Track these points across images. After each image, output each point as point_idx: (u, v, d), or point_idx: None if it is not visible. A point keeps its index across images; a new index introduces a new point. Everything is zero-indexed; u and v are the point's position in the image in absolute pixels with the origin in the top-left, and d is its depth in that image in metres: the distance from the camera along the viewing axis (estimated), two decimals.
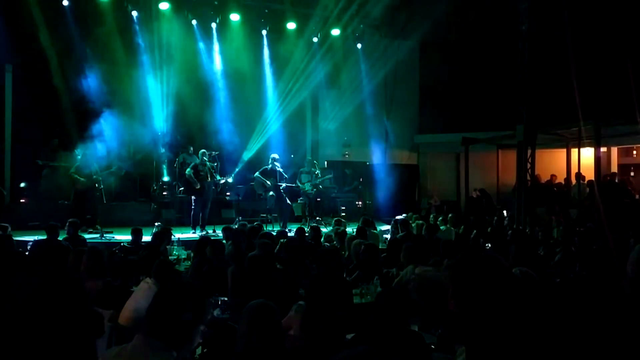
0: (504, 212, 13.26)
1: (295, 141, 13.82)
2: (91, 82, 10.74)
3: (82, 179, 10.25)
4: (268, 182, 11.16)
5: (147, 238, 7.98)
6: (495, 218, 11.40)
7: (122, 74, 11.26)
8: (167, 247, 7.27)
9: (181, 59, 12.30)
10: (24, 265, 4.44)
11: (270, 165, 11.28)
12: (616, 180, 13.71)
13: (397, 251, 5.88)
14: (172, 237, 7.68)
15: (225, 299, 4.66)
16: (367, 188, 13.97)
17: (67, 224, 7.64)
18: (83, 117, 11.14)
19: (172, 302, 2.10)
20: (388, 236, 9.71)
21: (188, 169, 10.73)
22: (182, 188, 11.66)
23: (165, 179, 12.50)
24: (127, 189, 12.55)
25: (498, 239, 7.51)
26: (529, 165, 11.92)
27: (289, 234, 8.67)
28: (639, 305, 2.85)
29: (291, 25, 13.56)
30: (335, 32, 14.25)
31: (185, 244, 8.45)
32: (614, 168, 15.58)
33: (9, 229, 7.77)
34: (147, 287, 4.27)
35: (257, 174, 11.33)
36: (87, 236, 9.46)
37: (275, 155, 11.40)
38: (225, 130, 12.40)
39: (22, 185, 11.69)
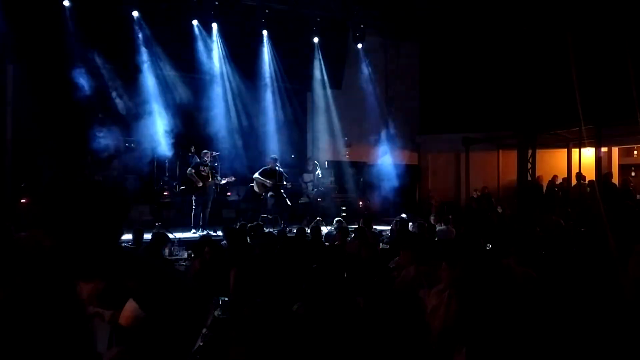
0: (499, 209, 13.27)
1: (295, 141, 13.82)
2: (92, 82, 10.73)
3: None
4: (268, 182, 11.16)
5: (147, 236, 7.99)
6: (498, 220, 11.41)
7: (123, 74, 11.27)
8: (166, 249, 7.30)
9: (182, 58, 12.30)
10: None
11: (270, 166, 11.29)
12: (612, 181, 13.68)
13: (397, 251, 5.89)
14: (169, 241, 7.68)
15: (226, 299, 4.67)
16: (367, 188, 13.96)
17: None
18: (84, 118, 11.14)
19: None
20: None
21: (189, 169, 10.75)
22: (182, 188, 11.67)
23: (166, 179, 12.51)
24: (127, 189, 12.55)
25: (498, 239, 7.51)
26: (529, 165, 11.93)
27: (289, 234, 8.69)
28: None
29: (291, 26, 13.56)
30: (336, 32, 14.24)
31: (185, 244, 8.47)
32: (615, 168, 15.56)
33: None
34: None
35: (256, 174, 11.34)
36: None
37: (274, 157, 11.41)
38: (226, 131, 12.40)
39: (22, 185, 11.68)
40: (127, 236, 8.56)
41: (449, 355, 2.97)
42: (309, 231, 8.86)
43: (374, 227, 9.48)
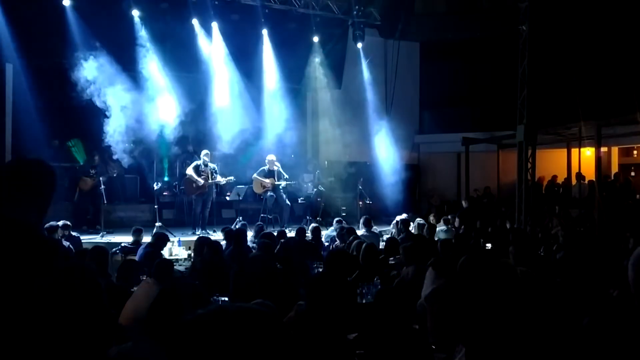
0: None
1: (295, 141, 13.80)
2: (92, 81, 10.72)
3: (87, 180, 10.44)
4: (267, 182, 11.18)
5: (147, 238, 8.00)
6: (499, 220, 11.41)
7: (123, 74, 11.24)
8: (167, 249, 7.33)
9: (181, 58, 12.27)
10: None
11: (267, 166, 11.32)
12: (620, 180, 13.66)
13: (396, 251, 5.90)
14: (169, 241, 7.70)
15: (226, 299, 4.67)
16: (367, 188, 13.96)
17: (60, 226, 7.63)
18: (84, 117, 11.14)
19: (173, 303, 2.10)
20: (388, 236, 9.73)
21: (189, 169, 10.76)
22: (182, 188, 11.67)
23: (166, 179, 12.50)
24: (127, 189, 12.56)
25: (498, 239, 7.52)
26: (529, 165, 11.92)
27: (288, 234, 8.69)
28: None
29: (291, 26, 13.55)
30: (336, 32, 14.23)
31: (185, 244, 8.47)
32: (615, 168, 15.57)
33: None
34: (147, 287, 4.28)
35: (255, 174, 11.37)
36: (87, 236, 9.49)
37: (272, 157, 11.42)
38: (226, 130, 12.38)
39: None
40: (127, 237, 8.58)
41: (449, 354, 2.97)
42: (309, 231, 8.87)
43: (374, 226, 9.48)
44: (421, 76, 16.96)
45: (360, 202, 13.38)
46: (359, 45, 14.57)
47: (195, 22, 12.58)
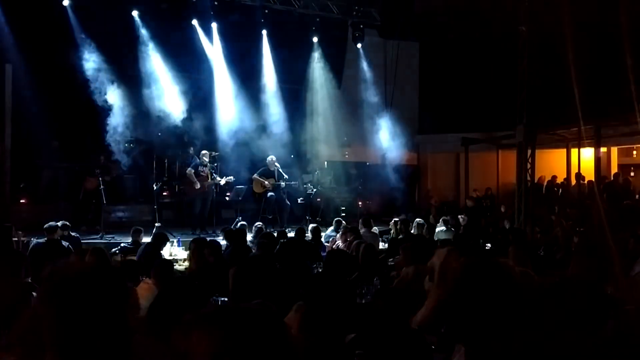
0: (502, 208, 13.28)
1: (295, 141, 13.81)
2: (92, 81, 10.72)
3: (92, 180, 10.51)
4: (266, 182, 11.19)
5: (147, 239, 8.02)
6: (500, 221, 11.42)
7: (124, 74, 11.25)
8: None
9: (181, 58, 12.27)
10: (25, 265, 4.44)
11: (268, 166, 11.33)
12: (620, 180, 13.66)
13: (397, 251, 5.91)
14: (168, 241, 7.71)
15: (225, 299, 4.68)
16: (367, 188, 13.96)
17: (59, 227, 7.62)
18: (84, 118, 11.13)
19: (173, 303, 2.10)
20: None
21: (188, 169, 10.76)
22: (182, 188, 11.67)
23: (166, 179, 12.50)
24: (127, 190, 12.55)
25: (498, 239, 7.53)
26: (529, 166, 11.92)
27: (288, 234, 8.70)
28: None
29: (291, 26, 13.55)
30: (335, 32, 14.24)
31: (185, 244, 8.48)
32: (614, 168, 15.57)
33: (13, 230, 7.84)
34: (147, 287, 4.28)
35: (255, 175, 11.38)
36: (86, 237, 9.49)
37: (272, 157, 11.44)
38: (225, 131, 12.39)
39: (21, 185, 11.70)
40: (127, 237, 8.59)
41: (448, 354, 2.97)
42: (308, 231, 8.88)
43: (374, 227, 9.48)
44: (421, 76, 16.96)
45: (360, 202, 13.38)
46: (359, 45, 14.57)
47: (195, 22, 12.59)
